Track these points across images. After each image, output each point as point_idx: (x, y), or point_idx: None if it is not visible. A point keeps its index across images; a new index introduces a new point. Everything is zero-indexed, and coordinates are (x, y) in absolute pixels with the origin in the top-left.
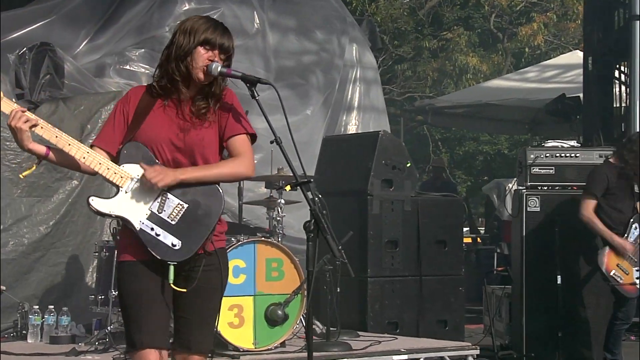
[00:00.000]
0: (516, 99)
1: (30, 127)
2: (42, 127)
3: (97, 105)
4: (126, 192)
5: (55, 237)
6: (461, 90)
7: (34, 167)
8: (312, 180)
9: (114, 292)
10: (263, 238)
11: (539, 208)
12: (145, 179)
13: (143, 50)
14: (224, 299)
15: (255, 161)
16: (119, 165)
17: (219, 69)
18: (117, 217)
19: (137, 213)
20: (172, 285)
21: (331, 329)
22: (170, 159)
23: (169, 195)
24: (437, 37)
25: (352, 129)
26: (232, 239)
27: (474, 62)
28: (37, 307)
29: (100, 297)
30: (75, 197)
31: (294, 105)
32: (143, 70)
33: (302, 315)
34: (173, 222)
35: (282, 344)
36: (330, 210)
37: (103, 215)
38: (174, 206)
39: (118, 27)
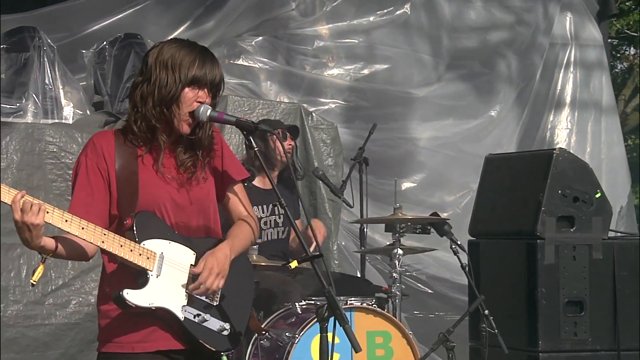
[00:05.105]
0: None
1: None
2: (48, 212)
3: None
4: (158, 276)
5: None
6: None
7: (42, 267)
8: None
9: None
10: (365, 304)
11: None
12: (203, 284)
13: (261, 38)
14: None
15: (415, 184)
16: (139, 243)
17: (209, 112)
18: (157, 308)
19: (176, 299)
20: None
21: None
22: (175, 222)
23: None
24: None
25: (561, 134)
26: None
27: None
28: None
29: None
30: None
31: (471, 103)
32: (261, 65)
33: None
34: (215, 303)
35: None
36: (486, 258)
37: (141, 309)
38: None
39: (228, 7)
